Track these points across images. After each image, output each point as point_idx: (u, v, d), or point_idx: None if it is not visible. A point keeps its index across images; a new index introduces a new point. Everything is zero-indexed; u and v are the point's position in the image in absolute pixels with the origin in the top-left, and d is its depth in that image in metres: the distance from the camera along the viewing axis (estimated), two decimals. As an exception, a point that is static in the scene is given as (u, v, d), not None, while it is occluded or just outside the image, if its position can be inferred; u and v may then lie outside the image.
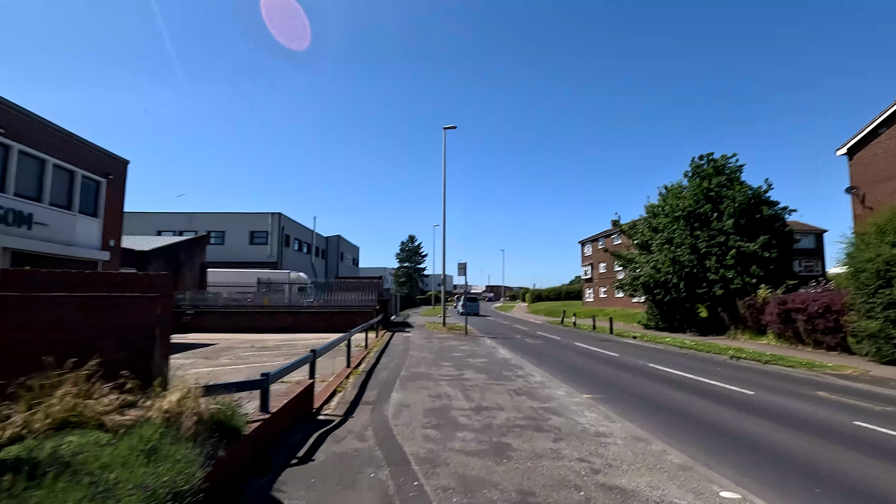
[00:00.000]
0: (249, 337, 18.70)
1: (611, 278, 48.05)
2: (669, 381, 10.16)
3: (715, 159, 23.36)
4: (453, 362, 11.92)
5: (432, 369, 10.70)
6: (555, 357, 14.35)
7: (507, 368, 11.06)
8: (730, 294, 20.57)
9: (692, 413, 7.34)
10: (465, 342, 17.47)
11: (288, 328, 21.30)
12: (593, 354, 15.25)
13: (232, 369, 10.50)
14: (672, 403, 8.01)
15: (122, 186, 17.90)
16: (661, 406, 7.81)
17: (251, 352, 13.91)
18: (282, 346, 15.38)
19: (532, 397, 7.89)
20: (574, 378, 10.39)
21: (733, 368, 12.40)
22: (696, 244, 21.80)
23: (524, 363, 12.18)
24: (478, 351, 14.64)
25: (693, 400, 8.28)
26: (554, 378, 10.03)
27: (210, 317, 21.16)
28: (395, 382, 8.94)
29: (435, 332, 21.31)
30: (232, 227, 39.09)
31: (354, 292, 22.87)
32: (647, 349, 17.28)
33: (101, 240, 16.52)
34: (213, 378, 9.48)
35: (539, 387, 8.87)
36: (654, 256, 23.98)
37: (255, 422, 4.22)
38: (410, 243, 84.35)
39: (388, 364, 11.48)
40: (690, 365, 12.93)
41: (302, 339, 17.64)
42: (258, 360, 12.13)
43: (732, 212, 21.35)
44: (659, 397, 8.50)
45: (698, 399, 8.36)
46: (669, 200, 24.59)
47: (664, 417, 7.04)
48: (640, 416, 7.02)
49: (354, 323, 21.69)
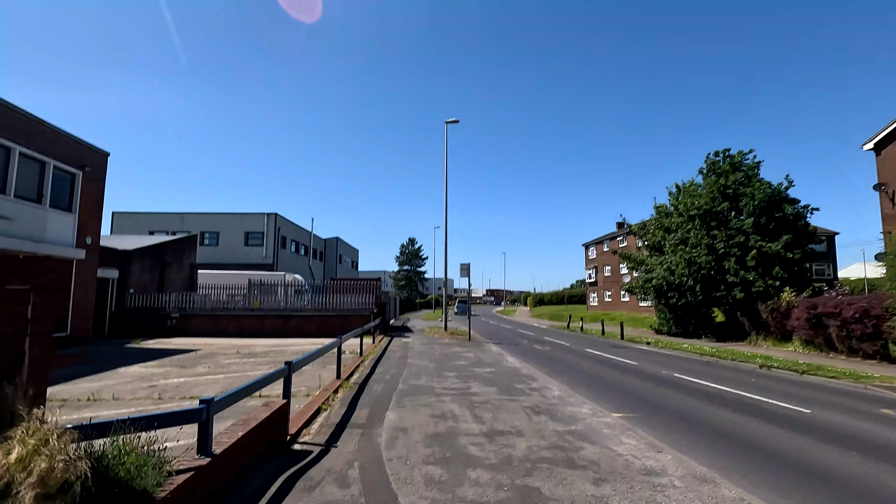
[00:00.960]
0: (237, 342, 17.42)
1: (617, 281, 46.79)
2: (705, 396, 8.88)
3: (732, 155, 22.16)
4: (458, 372, 10.64)
5: (434, 381, 9.42)
6: (568, 365, 13.07)
7: (518, 380, 9.78)
8: (750, 297, 19.29)
9: (751, 439, 6.06)
10: (470, 349, 16.19)
11: (279, 332, 20.02)
12: (609, 362, 13.97)
13: (207, 380, 9.23)
14: (721, 425, 6.73)
15: (101, 180, 16.69)
16: (709, 429, 6.53)
17: (234, 359, 12.64)
18: (269, 353, 14.10)
19: (554, 417, 6.62)
20: (596, 392, 9.12)
21: (768, 379, 11.13)
22: (714, 244, 20.54)
23: (537, 373, 10.89)
24: (484, 359, 13.36)
25: (744, 421, 7.00)
26: (574, 392, 8.75)
27: (197, 320, 19.88)
28: (391, 398, 7.66)
29: (436, 338, 20.02)
30: (226, 228, 37.89)
31: (350, 294, 21.60)
32: (664, 356, 16.00)
33: (76, 237, 15.27)
34: (181, 391, 8.23)
35: (559, 403, 7.59)
36: (667, 258, 22.72)
37: (184, 472, 2.94)
38: (410, 246, 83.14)
39: (384, 375, 10.20)
40: (719, 375, 11.65)
41: (292, 345, 16.36)
42: (240, 368, 10.86)
43: (752, 210, 20.11)
44: (701, 416, 7.22)
45: (748, 419, 7.08)
46: (683, 199, 23.36)
47: (720, 446, 5.77)
48: (690, 444, 5.75)
49: (350, 327, 20.44)
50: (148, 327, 19.31)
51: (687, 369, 12.71)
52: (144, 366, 11.04)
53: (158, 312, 19.60)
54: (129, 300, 19.55)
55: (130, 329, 19.07)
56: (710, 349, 17.44)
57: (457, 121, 22.45)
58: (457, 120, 22.46)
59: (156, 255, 21.94)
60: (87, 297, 15.85)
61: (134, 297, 19.67)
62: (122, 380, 9.16)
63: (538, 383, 9.43)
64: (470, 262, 19.69)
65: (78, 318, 15.34)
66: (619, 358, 15.13)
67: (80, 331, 15.47)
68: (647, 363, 13.95)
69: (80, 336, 15.46)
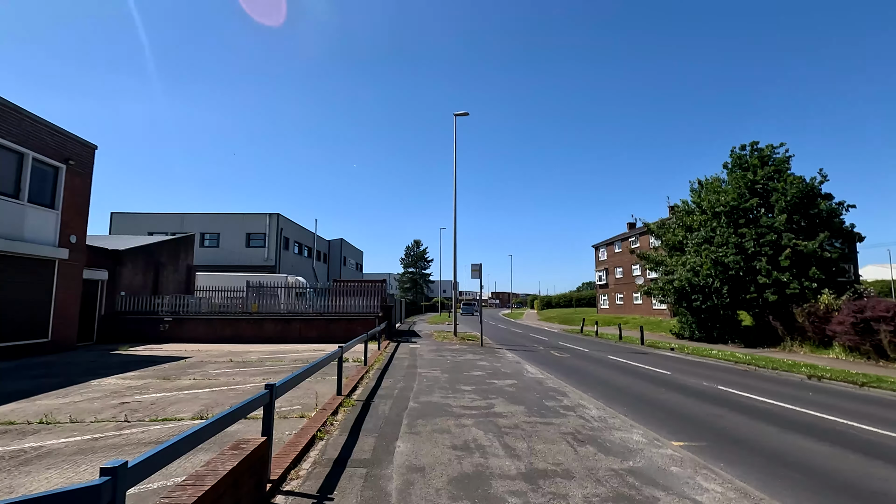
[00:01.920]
0: (232, 348, 16.25)
1: (629, 283, 45.34)
2: (767, 415, 7.57)
3: (760, 148, 20.80)
4: (475, 385, 9.37)
5: (450, 397, 8.16)
6: (595, 376, 11.77)
7: (546, 395, 8.50)
8: (784, 300, 17.90)
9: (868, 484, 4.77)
10: (483, 356, 14.91)
11: (278, 338, 18.83)
12: (638, 372, 12.65)
13: (188, 395, 8.02)
14: (817, 462, 5.43)
15: (88, 175, 15.59)
16: (804, 467, 5.23)
17: (226, 368, 11.44)
18: (266, 361, 12.90)
19: (603, 448, 5.35)
20: (639, 410, 7.82)
21: (825, 394, 9.79)
22: (742, 243, 19.17)
23: (564, 387, 9.60)
24: (501, 368, 12.08)
25: (840, 455, 5.69)
26: (614, 411, 7.46)
27: (191, 324, 18.73)
28: (400, 421, 6.41)
29: (446, 343, 18.75)
30: (227, 229, 36.86)
31: (355, 297, 20.40)
32: (694, 364, 14.65)
33: (59, 235, 14.17)
34: (154, 411, 6.87)
35: (603, 427, 6.31)
36: (690, 258, 21.36)
37: None
38: (416, 248, 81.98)
39: (391, 389, 8.95)
40: (766, 388, 10.31)
41: (291, 352, 15.16)
42: (229, 380, 9.65)
43: (784, 206, 18.74)
44: (782, 447, 5.92)
45: (844, 451, 5.78)
46: (706, 196, 22.01)
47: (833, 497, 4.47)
48: (791, 493, 4.46)
49: (353, 332, 19.23)
50: (139, 332, 18.19)
51: (727, 380, 11.38)
52: (123, 377, 9.86)
53: (150, 316, 18.47)
54: (120, 303, 18.44)
55: (120, 334, 17.96)
56: (742, 356, 16.07)
57: (466, 113, 21.27)
58: (466, 112, 21.28)
59: (149, 255, 20.86)
60: (71, 301, 14.72)
61: (125, 301, 18.56)
62: (92, 395, 7.97)
63: (570, 400, 8.15)
64: (481, 263, 18.45)
65: (61, 322, 14.21)
66: (647, 366, 13.81)
67: (63, 337, 14.34)
68: (679, 373, 12.63)
69: (63, 342, 14.33)
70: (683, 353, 17.73)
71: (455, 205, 21.73)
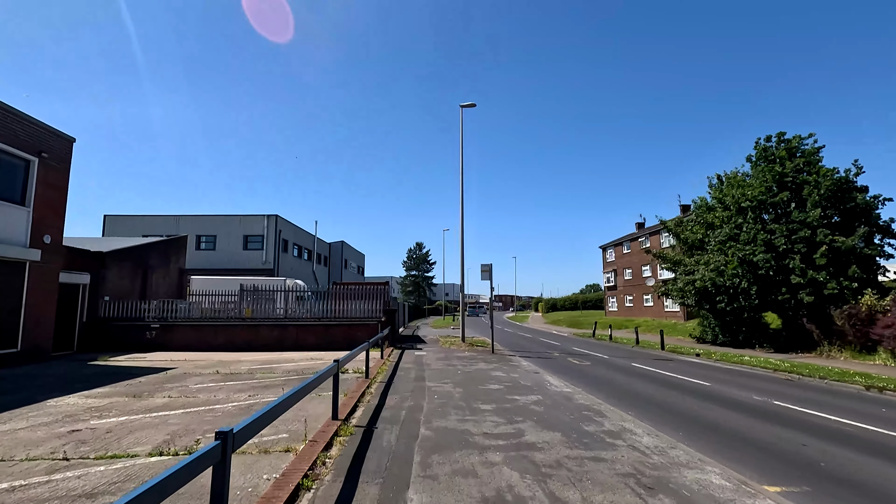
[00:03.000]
0: (223, 357, 14.95)
1: (639, 285, 43.95)
2: (869, 446, 6.22)
3: (788, 139, 19.46)
4: (495, 403, 8.03)
5: (468, 420, 6.82)
6: (627, 389, 10.41)
7: (581, 416, 7.16)
8: (821, 301, 16.52)
9: None
10: (497, 365, 13.57)
11: (274, 345, 17.53)
12: (673, 383, 11.29)
13: (156, 419, 6.71)
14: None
15: (65, 170, 14.35)
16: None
17: (210, 381, 10.13)
18: (256, 373, 11.58)
19: (682, 500, 4.01)
20: (700, 436, 6.47)
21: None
22: (772, 240, 17.80)
23: (598, 403, 8.26)
24: (519, 380, 10.74)
25: None
26: (671, 438, 6.12)
27: (181, 331, 17.44)
28: (411, 458, 5.08)
29: (454, 350, 17.40)
30: (224, 231, 35.67)
31: (356, 301, 19.08)
32: (730, 372, 13.29)
33: (31, 235, 12.92)
34: (105, 444, 5.35)
35: (668, 464, 4.97)
36: (713, 257, 20.01)
37: None
38: (418, 251, 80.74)
39: (397, 409, 7.62)
40: (829, 403, 8.96)
41: (286, 361, 13.84)
42: (211, 397, 8.34)
43: (817, 200, 17.38)
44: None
45: None
46: (728, 190, 20.66)
47: None
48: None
49: (355, 337, 17.91)
50: (124, 340, 16.91)
51: (778, 393, 10.03)
52: (87, 395, 8.55)
53: (136, 323, 17.18)
54: (104, 309, 17.16)
55: (104, 342, 16.68)
56: (779, 363, 14.69)
57: (473, 104, 20.02)
58: (473, 104, 20.02)
59: (137, 258, 19.60)
60: (45, 307, 13.45)
61: (109, 306, 17.29)
62: (40, 420, 6.67)
63: (611, 422, 6.80)
64: (491, 263, 17.12)
65: (33, 330, 12.93)
66: (679, 375, 12.46)
67: (36, 346, 13.06)
68: (719, 383, 11.27)
69: (36, 352, 13.05)
70: (711, 359, 16.36)
71: (462, 200, 20.47)
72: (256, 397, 8.43)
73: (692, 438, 6.29)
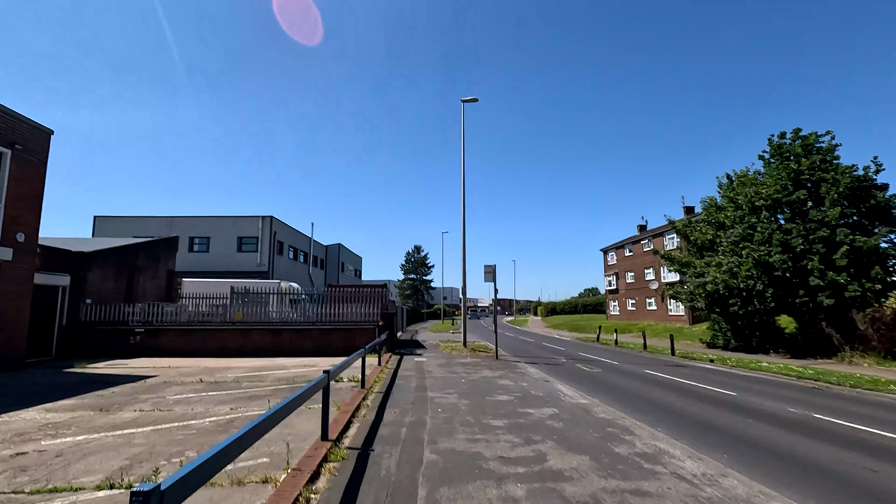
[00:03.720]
0: (211, 363, 14.02)
1: (641, 288, 43.13)
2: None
3: (804, 136, 18.70)
4: (507, 418, 7.14)
5: (479, 439, 5.94)
6: (647, 399, 9.53)
7: (607, 433, 6.29)
8: (842, 304, 15.71)
9: None
10: (503, 372, 12.68)
11: (267, 350, 16.60)
12: (695, 392, 10.42)
13: (117, 440, 5.81)
14: None
15: (41, 163, 13.45)
16: None
17: (191, 393, 9.21)
18: (244, 381, 10.67)
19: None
20: (749, 460, 5.58)
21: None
22: (789, 241, 17.00)
23: (622, 417, 7.38)
24: (529, 390, 9.86)
25: None
26: (717, 462, 5.25)
27: (168, 336, 16.50)
28: (415, 491, 4.20)
29: (456, 356, 16.50)
30: (217, 233, 34.74)
31: (353, 304, 18.18)
32: (751, 380, 12.44)
33: (1, 232, 12.00)
34: (47, 473, 3.98)
35: (725, 498, 4.10)
36: (726, 258, 19.19)
37: None
38: (416, 254, 79.82)
39: (397, 425, 6.73)
40: (872, 416, 8.13)
41: (278, 368, 12.93)
42: (188, 411, 7.44)
43: (836, 198, 16.60)
44: None
45: None
46: (740, 189, 19.89)
47: None
48: None
49: (352, 342, 16.99)
50: (106, 346, 15.96)
51: (812, 404, 9.18)
52: (49, 409, 7.63)
53: (119, 327, 16.23)
54: (85, 313, 16.21)
55: (85, 348, 15.72)
56: (801, 370, 13.86)
57: (475, 99, 19.23)
58: (475, 98, 19.23)
59: (122, 259, 18.66)
60: (17, 310, 12.51)
61: (91, 310, 16.34)
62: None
63: (643, 441, 5.93)
64: (495, 264, 16.24)
65: (3, 335, 12.00)
66: (699, 384, 11.59)
67: (6, 353, 12.11)
68: (745, 393, 10.42)
69: (7, 359, 12.10)
70: (727, 365, 15.51)
71: (463, 197, 19.63)
72: (239, 410, 7.53)
73: (741, 463, 5.41)
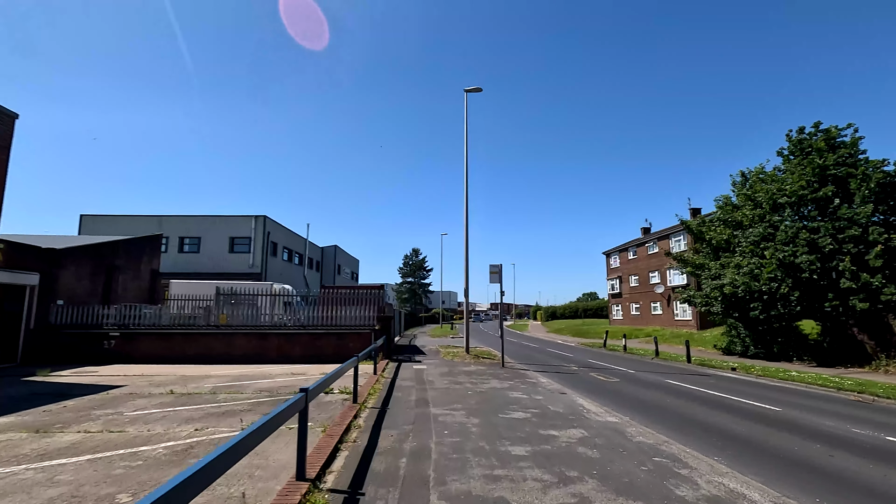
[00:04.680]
0: (190, 371, 12.73)
1: (646, 292, 41.96)
2: None
3: (826, 129, 17.62)
4: (529, 444, 5.89)
5: (501, 479, 4.68)
6: (684, 416, 8.29)
7: (659, 469, 5.05)
8: (877, 308, 14.54)
9: None
10: (512, 382, 11.43)
11: (253, 357, 15.31)
12: (732, 407, 9.19)
13: (37, 476, 4.54)
14: None
15: (3, 148, 12.21)
16: None
17: (154, 408, 7.93)
18: (220, 392, 9.40)
19: None
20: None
21: None
22: (816, 240, 15.86)
23: (668, 443, 6.14)
24: (547, 405, 8.61)
25: None
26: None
27: (146, 341, 15.19)
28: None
29: (458, 363, 15.23)
30: (208, 233, 33.45)
31: (347, 307, 16.92)
32: (787, 392, 11.23)
33: (-48, 224, 10.73)
34: None
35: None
36: (746, 259, 18.03)
37: None
38: (415, 257, 78.56)
39: (394, 457, 5.47)
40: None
41: (263, 377, 11.64)
42: (144, 431, 6.17)
43: (867, 195, 15.48)
44: None
45: None
46: (759, 186, 18.78)
47: None
48: None
49: (345, 348, 15.69)
50: (78, 351, 14.66)
51: (871, 422, 7.98)
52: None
53: (92, 330, 14.92)
54: (56, 314, 14.91)
55: (55, 353, 14.42)
56: (839, 380, 12.67)
57: (479, 89, 18.08)
58: (479, 88, 18.07)
59: (99, 257, 17.36)
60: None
61: (63, 311, 15.04)
62: None
63: (706, 479, 4.69)
64: (501, 264, 15.02)
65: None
66: (730, 395, 10.37)
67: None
68: (786, 407, 9.22)
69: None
70: (752, 374, 14.31)
71: (466, 191, 18.44)
72: (205, 431, 6.28)
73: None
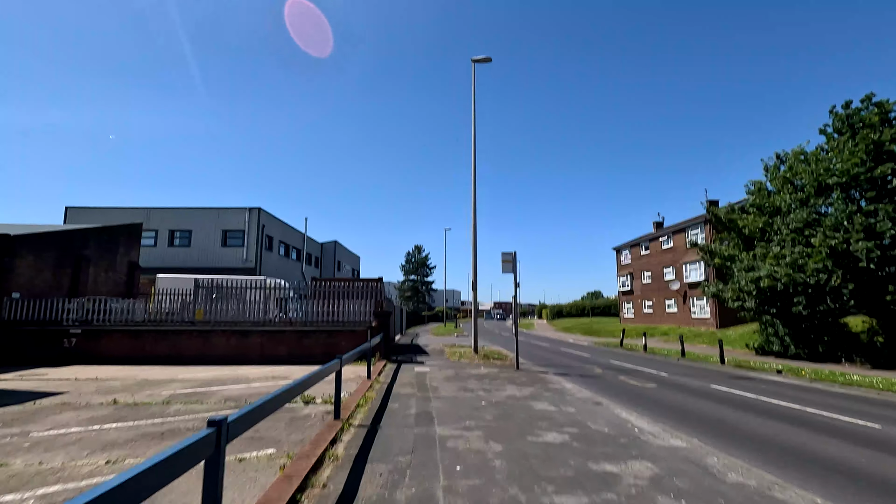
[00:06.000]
0: (154, 374, 10.92)
1: (660, 289, 39.95)
2: None
3: (879, 102, 15.64)
4: (582, 492, 4.04)
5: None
6: (766, 440, 6.40)
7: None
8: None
9: None
10: (532, 389, 9.56)
11: (232, 357, 13.52)
12: (819, 425, 7.29)
13: None
14: None
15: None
16: None
17: (78, 426, 6.12)
18: (176, 403, 7.58)
19: None
20: None
21: None
22: (874, 225, 13.92)
23: (780, 487, 4.27)
24: (585, 420, 6.73)
25: None
26: None
27: (112, 339, 13.42)
28: None
29: (466, 365, 13.36)
30: (200, 226, 31.73)
31: (342, 301, 15.09)
32: (869, 403, 9.31)
33: None
34: None
35: None
36: (787, 249, 16.10)
37: None
38: (417, 254, 76.79)
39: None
40: None
41: (235, 382, 9.80)
42: (28, 468, 4.36)
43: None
44: None
45: None
46: (801, 168, 16.82)
47: None
48: None
49: (336, 348, 13.80)
50: (35, 350, 12.92)
51: None
52: None
53: (50, 327, 13.16)
54: (9, 309, 13.16)
55: (8, 352, 12.69)
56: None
57: (488, 59, 16.21)
58: (488, 58, 16.20)
59: (65, 246, 15.59)
60: None
61: (19, 306, 13.29)
62: None
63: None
64: (515, 251, 13.16)
65: None
66: (804, 406, 8.48)
67: None
68: (885, 423, 7.32)
69: None
70: (804, 378, 12.38)
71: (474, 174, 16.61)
72: (119, 463, 4.45)
73: None
